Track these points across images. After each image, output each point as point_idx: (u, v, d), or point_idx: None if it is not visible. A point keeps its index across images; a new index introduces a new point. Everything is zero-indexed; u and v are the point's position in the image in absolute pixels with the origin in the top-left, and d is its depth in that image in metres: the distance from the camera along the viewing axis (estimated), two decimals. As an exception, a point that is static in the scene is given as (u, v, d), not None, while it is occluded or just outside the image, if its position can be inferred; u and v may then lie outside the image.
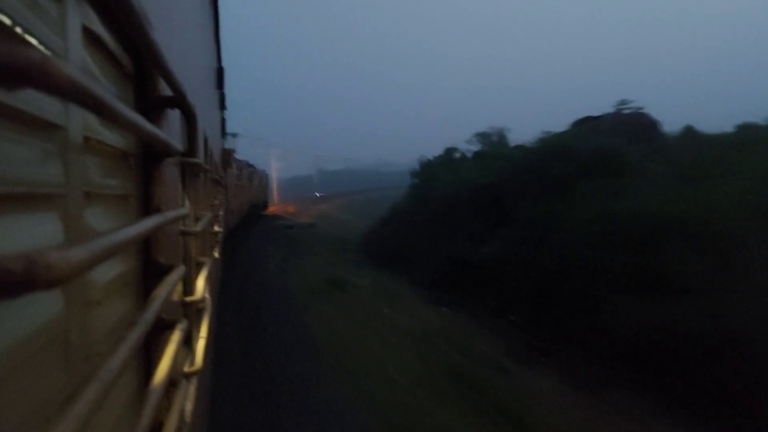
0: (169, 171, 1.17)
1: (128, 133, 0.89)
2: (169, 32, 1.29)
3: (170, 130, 1.23)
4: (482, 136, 24.22)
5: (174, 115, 1.35)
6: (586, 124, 19.20)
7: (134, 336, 0.56)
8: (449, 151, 25.04)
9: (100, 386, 0.41)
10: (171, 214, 0.87)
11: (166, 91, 1.10)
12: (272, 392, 5.92)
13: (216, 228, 4.14)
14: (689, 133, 15.89)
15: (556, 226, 11.90)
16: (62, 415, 0.34)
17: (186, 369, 1.47)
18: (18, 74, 0.25)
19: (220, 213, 5.30)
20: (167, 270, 0.99)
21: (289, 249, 18.13)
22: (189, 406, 1.35)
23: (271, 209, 38.06)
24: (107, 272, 0.75)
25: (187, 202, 1.65)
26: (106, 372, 0.44)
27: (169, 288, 0.84)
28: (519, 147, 20.11)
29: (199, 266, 2.12)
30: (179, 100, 1.13)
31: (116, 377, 0.46)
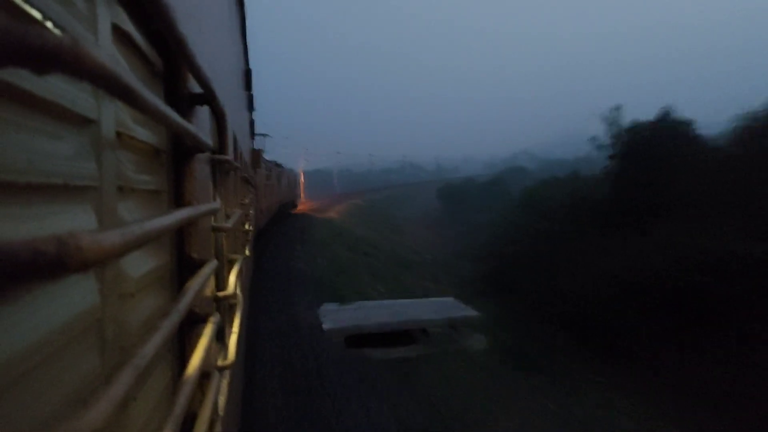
0: (200, 167, 1.19)
1: (159, 129, 0.91)
2: (197, 31, 1.31)
3: (200, 127, 1.25)
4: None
5: (204, 114, 1.37)
6: None
7: (168, 326, 0.56)
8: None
9: (135, 372, 0.42)
10: (202, 207, 0.87)
11: (196, 89, 1.12)
12: None
13: (247, 226, 4.23)
14: None
15: None
16: (98, 397, 0.35)
17: (219, 363, 1.50)
18: (49, 57, 0.25)
19: (251, 212, 5.42)
20: (199, 265, 1.00)
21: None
22: (222, 400, 1.38)
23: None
24: (141, 265, 0.77)
25: (218, 199, 1.68)
26: (140, 358, 0.44)
27: (201, 281, 0.85)
28: None
29: (230, 263, 2.17)
30: (208, 97, 1.15)
31: (150, 364, 0.47)
